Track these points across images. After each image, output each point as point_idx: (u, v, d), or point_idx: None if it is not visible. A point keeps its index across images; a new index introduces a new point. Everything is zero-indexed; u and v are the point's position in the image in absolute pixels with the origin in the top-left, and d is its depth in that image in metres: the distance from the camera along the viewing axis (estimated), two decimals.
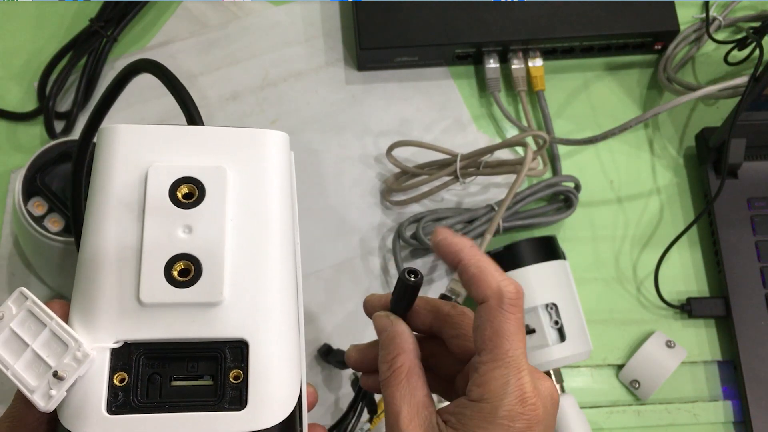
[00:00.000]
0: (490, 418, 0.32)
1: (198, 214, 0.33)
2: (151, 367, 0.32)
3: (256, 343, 0.32)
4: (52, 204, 0.52)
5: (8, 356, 0.32)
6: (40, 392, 0.31)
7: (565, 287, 0.56)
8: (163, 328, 0.32)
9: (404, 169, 0.61)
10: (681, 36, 0.66)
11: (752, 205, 0.62)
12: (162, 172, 0.33)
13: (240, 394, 0.32)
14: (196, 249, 0.32)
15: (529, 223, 0.61)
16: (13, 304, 0.33)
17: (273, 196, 0.34)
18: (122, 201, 0.33)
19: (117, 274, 0.32)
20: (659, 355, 0.58)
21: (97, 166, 0.34)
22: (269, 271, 0.33)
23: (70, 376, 0.31)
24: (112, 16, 0.64)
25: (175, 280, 0.32)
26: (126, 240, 0.33)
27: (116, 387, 0.31)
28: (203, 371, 0.32)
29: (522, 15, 0.64)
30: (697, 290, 0.62)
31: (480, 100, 0.67)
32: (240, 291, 0.32)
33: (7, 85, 0.65)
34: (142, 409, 0.31)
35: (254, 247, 0.33)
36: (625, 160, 0.65)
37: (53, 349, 0.32)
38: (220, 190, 0.33)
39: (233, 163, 0.34)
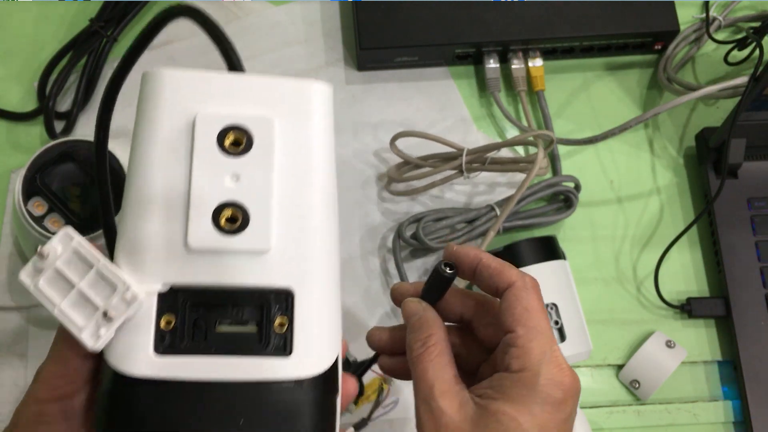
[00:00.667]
0: (531, 385, 0.34)
1: (245, 162, 0.33)
2: (197, 312, 0.32)
3: (301, 293, 0.32)
4: (52, 204, 0.52)
5: (54, 295, 0.32)
6: (88, 331, 0.31)
7: (565, 287, 0.56)
8: (209, 273, 0.32)
9: (407, 159, 0.60)
10: (681, 36, 0.66)
11: (752, 205, 0.62)
12: (210, 119, 0.33)
13: (285, 342, 0.32)
14: (244, 197, 0.33)
15: (529, 223, 0.61)
16: (59, 243, 0.33)
17: (318, 148, 0.35)
18: (169, 146, 0.33)
19: (165, 218, 0.32)
20: (659, 355, 0.58)
21: (142, 110, 0.34)
22: (314, 222, 0.34)
23: (119, 317, 0.31)
24: (112, 16, 0.64)
25: (223, 227, 0.32)
26: (174, 185, 0.33)
27: (163, 330, 0.31)
28: (248, 318, 0.32)
29: (522, 15, 0.64)
30: (697, 290, 0.62)
31: (480, 100, 0.67)
32: (286, 240, 0.33)
33: (7, 85, 0.65)
34: (189, 351, 0.31)
35: (300, 198, 0.34)
36: (625, 160, 0.65)
37: (100, 290, 0.32)
38: (268, 139, 0.33)
39: (279, 112, 0.34)
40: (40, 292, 0.32)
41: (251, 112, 0.34)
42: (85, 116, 0.64)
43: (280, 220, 0.33)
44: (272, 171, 0.33)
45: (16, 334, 0.58)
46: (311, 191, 0.34)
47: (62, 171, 0.54)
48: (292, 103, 0.34)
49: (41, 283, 0.32)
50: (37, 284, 0.32)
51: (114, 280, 0.31)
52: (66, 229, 0.33)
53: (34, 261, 0.33)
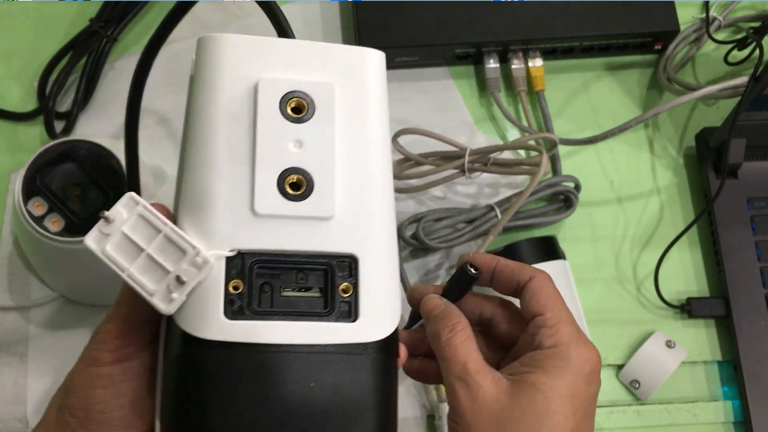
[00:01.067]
0: (565, 358, 0.36)
1: (308, 128, 0.33)
2: (263, 277, 0.32)
3: (364, 259, 0.33)
4: (52, 204, 0.52)
5: (123, 259, 0.32)
6: (160, 295, 0.31)
7: (565, 287, 0.55)
8: (275, 239, 0.32)
9: (408, 155, 0.60)
10: (681, 36, 0.66)
11: (752, 205, 0.62)
12: (272, 85, 0.33)
13: (350, 307, 0.33)
14: (308, 163, 0.33)
15: (529, 223, 0.61)
16: (124, 208, 0.33)
17: (375, 115, 0.35)
18: (230, 112, 0.33)
19: (230, 184, 0.32)
20: (659, 355, 0.58)
21: (201, 75, 0.34)
22: (375, 189, 0.34)
23: (191, 281, 0.31)
24: (112, 16, 0.64)
25: (288, 193, 0.32)
26: (238, 151, 0.33)
27: (231, 294, 0.32)
28: (312, 283, 0.33)
29: (522, 15, 0.64)
30: (697, 290, 0.62)
31: (480, 100, 0.67)
32: (349, 207, 0.33)
33: (7, 85, 0.65)
34: (258, 315, 0.32)
35: (360, 165, 0.34)
36: (625, 160, 0.65)
37: (169, 255, 0.32)
38: (329, 105, 0.34)
39: (337, 79, 0.34)
40: (108, 256, 0.32)
41: (312, 78, 0.34)
42: (85, 116, 0.64)
43: (342, 186, 0.33)
44: (334, 137, 0.33)
45: (16, 334, 0.58)
46: (371, 157, 0.34)
47: (62, 171, 0.53)
48: (349, 69, 0.35)
49: (108, 247, 0.32)
50: (104, 249, 0.32)
51: (182, 245, 0.31)
52: (130, 194, 0.33)
53: (99, 226, 0.32)
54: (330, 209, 0.33)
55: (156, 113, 0.64)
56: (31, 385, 0.56)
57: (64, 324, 0.58)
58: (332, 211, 0.33)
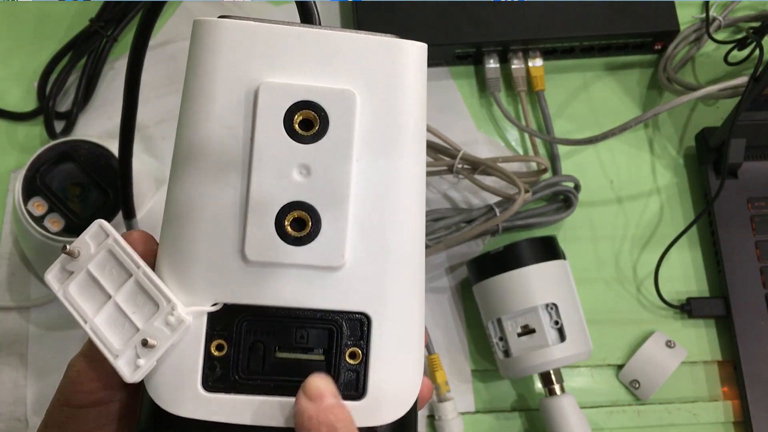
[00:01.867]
0: None
1: (318, 150, 0.27)
2: (254, 335, 0.27)
3: (379, 319, 0.27)
4: (52, 204, 0.52)
5: (87, 306, 0.27)
6: (125, 359, 0.26)
7: (565, 287, 0.55)
8: (270, 291, 0.26)
9: None
10: (681, 36, 0.66)
11: (752, 205, 0.62)
12: (276, 92, 0.27)
13: (357, 378, 0.27)
14: (315, 196, 0.27)
15: (528, 222, 0.61)
16: (91, 239, 0.27)
17: (410, 133, 0.28)
18: (224, 123, 0.27)
19: (217, 221, 0.26)
20: (659, 355, 0.58)
21: (193, 71, 0.27)
22: (400, 231, 0.27)
23: (161, 345, 0.26)
24: (112, 16, 0.64)
25: (288, 234, 0.26)
26: (229, 175, 0.27)
27: (213, 357, 0.26)
28: (314, 344, 0.27)
29: (522, 15, 0.64)
30: (697, 290, 0.62)
31: (480, 100, 0.67)
32: (364, 253, 0.27)
33: (7, 85, 0.65)
34: (244, 387, 0.26)
35: (384, 198, 0.27)
36: (625, 160, 0.65)
37: (140, 306, 0.26)
38: (348, 121, 0.27)
39: (362, 83, 0.27)
40: (69, 300, 0.27)
41: (328, 84, 0.27)
42: (85, 116, 0.64)
43: (357, 227, 0.27)
44: (351, 163, 0.27)
45: (16, 334, 0.58)
46: (398, 193, 0.27)
47: (62, 171, 0.54)
48: (378, 71, 0.27)
49: (71, 288, 0.27)
50: (66, 290, 0.27)
51: (156, 296, 0.26)
52: (99, 223, 0.27)
53: (62, 260, 0.28)
54: (339, 257, 0.27)
55: (156, 113, 0.64)
56: (31, 385, 0.56)
57: (64, 324, 0.58)
58: (342, 260, 0.27)
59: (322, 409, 0.25)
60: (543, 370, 0.54)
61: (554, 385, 0.54)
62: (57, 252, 0.52)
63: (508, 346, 0.55)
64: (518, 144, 0.66)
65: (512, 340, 0.54)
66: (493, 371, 0.59)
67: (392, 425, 0.27)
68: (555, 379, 0.55)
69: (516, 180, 0.57)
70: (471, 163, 0.59)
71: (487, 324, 0.56)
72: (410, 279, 0.28)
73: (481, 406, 0.58)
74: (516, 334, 0.54)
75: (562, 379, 0.55)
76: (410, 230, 0.28)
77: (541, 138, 0.64)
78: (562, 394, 0.54)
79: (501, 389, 0.59)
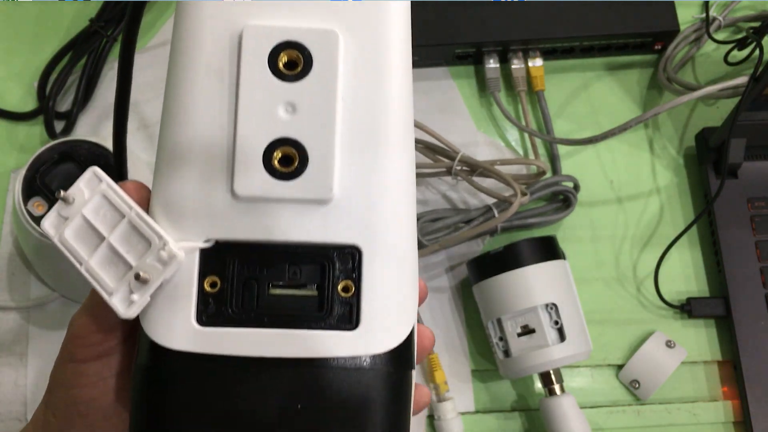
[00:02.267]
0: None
1: (302, 88, 0.27)
2: (247, 272, 0.27)
3: (370, 251, 0.27)
4: (52, 204, 0.52)
5: (82, 249, 0.28)
6: (119, 295, 0.27)
7: (565, 287, 0.55)
8: (260, 226, 0.27)
9: None
10: (681, 36, 0.66)
11: (752, 205, 0.62)
12: (259, 33, 0.27)
13: (350, 310, 0.27)
14: (301, 133, 0.27)
15: (527, 222, 0.61)
16: (86, 186, 0.28)
17: (393, 71, 0.28)
18: (210, 67, 0.28)
19: (206, 159, 0.27)
20: (659, 355, 0.58)
21: (178, 24, 0.29)
22: (387, 164, 0.28)
23: (154, 279, 0.26)
24: (112, 16, 0.64)
25: (276, 170, 0.27)
26: (216, 118, 0.27)
27: (207, 293, 0.27)
28: (307, 279, 0.27)
29: (522, 15, 0.64)
30: (697, 290, 0.62)
31: (480, 100, 0.67)
32: (352, 186, 0.27)
33: (7, 85, 0.65)
34: (237, 321, 0.27)
35: (369, 133, 0.28)
36: (625, 160, 0.65)
37: (133, 245, 0.27)
38: (331, 59, 0.27)
39: (345, 26, 0.28)
40: (65, 244, 0.28)
41: (310, 25, 0.28)
42: (85, 116, 0.64)
43: (345, 160, 0.27)
44: (336, 99, 0.27)
45: (16, 334, 0.58)
46: (384, 125, 0.28)
47: (62, 171, 0.54)
48: (361, 13, 0.28)
49: (67, 233, 0.28)
50: (61, 236, 0.28)
51: (148, 234, 0.27)
52: (93, 169, 0.28)
53: (58, 207, 0.28)
54: (327, 190, 0.27)
55: (155, 113, 0.64)
56: (31, 385, 0.56)
57: (64, 324, 0.58)
58: (330, 193, 0.27)
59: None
60: (543, 370, 0.54)
61: (554, 385, 0.54)
62: (57, 252, 0.52)
63: (508, 346, 0.55)
64: (518, 144, 0.66)
65: (512, 340, 0.54)
66: (493, 371, 0.59)
67: (387, 355, 0.27)
68: (555, 379, 0.55)
69: (513, 183, 0.57)
70: (469, 165, 0.59)
71: (487, 324, 0.56)
72: (400, 211, 0.28)
73: (481, 406, 0.58)
74: (516, 334, 0.54)
75: (562, 379, 0.55)
76: (399, 160, 0.28)
77: (541, 138, 0.64)
78: (562, 394, 0.54)
79: (501, 389, 0.59)
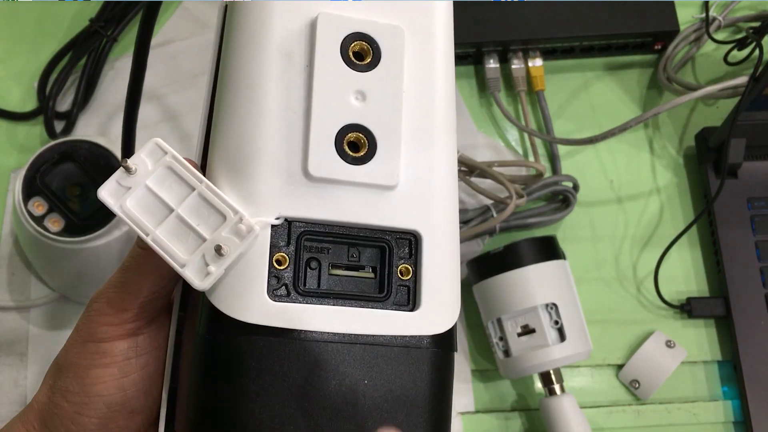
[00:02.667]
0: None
1: (372, 78, 0.28)
2: (310, 251, 0.28)
3: (428, 237, 0.29)
4: (52, 204, 0.52)
5: (147, 219, 0.27)
6: (193, 267, 0.26)
7: (565, 287, 0.55)
8: (329, 207, 0.28)
9: None
10: (681, 36, 0.66)
11: (752, 205, 0.62)
12: (334, 22, 0.28)
13: (408, 293, 0.28)
14: (371, 120, 0.28)
15: (527, 222, 0.61)
16: (148, 157, 0.27)
17: (443, 68, 0.30)
18: (283, 50, 0.28)
19: (280, 137, 0.28)
20: (659, 355, 0.58)
21: (247, 5, 0.29)
22: (442, 155, 0.30)
23: (232, 252, 0.26)
24: (112, 16, 0.64)
25: (347, 154, 0.28)
26: (291, 99, 0.28)
27: (275, 270, 0.27)
28: (365, 261, 0.29)
29: (522, 15, 0.64)
30: (697, 290, 0.62)
31: (480, 100, 0.67)
32: (414, 175, 0.29)
33: (7, 85, 0.65)
34: (305, 297, 0.28)
35: (427, 127, 0.29)
36: (625, 160, 0.65)
37: (204, 218, 0.27)
38: (397, 53, 0.29)
39: (404, 21, 0.29)
40: (128, 214, 0.27)
41: (379, 19, 0.29)
42: (85, 116, 0.64)
43: (407, 151, 0.29)
44: (402, 92, 0.29)
45: (16, 334, 0.58)
46: (438, 118, 0.30)
47: (62, 171, 0.54)
48: (417, 12, 0.30)
49: (129, 203, 0.27)
50: (123, 205, 0.27)
51: (222, 208, 0.26)
52: (156, 141, 0.27)
53: (117, 177, 0.27)
54: (394, 177, 0.28)
55: (155, 113, 0.64)
56: (31, 385, 0.56)
57: (64, 324, 0.58)
58: (396, 180, 0.28)
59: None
60: (543, 370, 0.54)
61: (554, 385, 0.54)
62: (57, 252, 0.52)
63: (508, 346, 0.55)
64: (518, 144, 0.66)
65: (512, 340, 0.54)
66: (493, 371, 0.59)
67: (440, 336, 0.28)
68: (555, 379, 0.55)
69: (508, 185, 0.57)
70: (468, 165, 0.59)
71: (487, 324, 0.56)
72: (452, 199, 0.30)
73: (481, 406, 0.58)
74: (516, 334, 0.54)
75: (562, 379, 0.55)
76: (449, 152, 0.30)
77: (541, 138, 0.64)
78: (562, 394, 0.54)
79: (501, 389, 0.59)
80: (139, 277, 0.29)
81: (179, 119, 0.64)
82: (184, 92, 0.64)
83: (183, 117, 0.64)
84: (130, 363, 0.29)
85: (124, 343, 0.29)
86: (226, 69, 0.29)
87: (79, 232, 0.52)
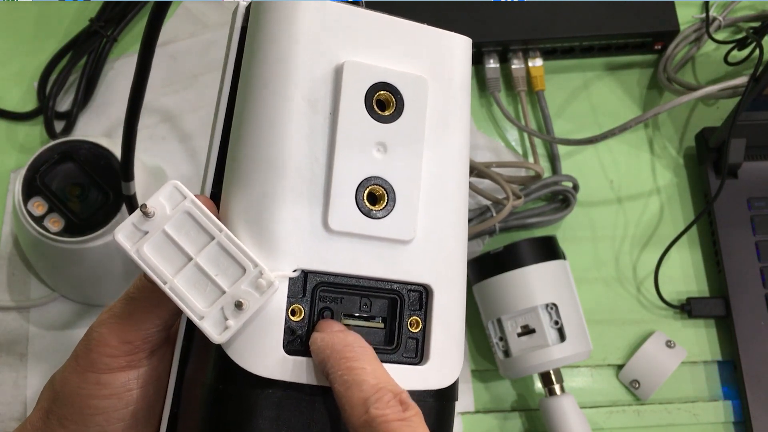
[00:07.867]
0: None
1: (394, 130, 0.28)
2: (324, 302, 0.28)
3: (439, 291, 0.29)
4: (52, 204, 0.52)
5: (165, 267, 0.26)
6: (212, 320, 0.26)
7: (565, 287, 0.55)
8: (346, 260, 0.27)
9: None
10: (681, 36, 0.66)
11: (752, 205, 0.62)
12: (360, 70, 0.28)
13: (417, 345, 0.28)
14: (391, 174, 0.28)
15: (526, 222, 0.61)
16: (166, 200, 0.27)
17: (462, 120, 0.30)
18: (305, 95, 0.27)
19: (302, 188, 0.27)
20: (659, 355, 0.58)
21: (271, 45, 0.27)
22: (456, 210, 0.29)
23: (251, 307, 0.26)
24: (112, 16, 0.64)
25: (366, 207, 0.28)
26: (314, 147, 0.27)
27: (291, 321, 0.27)
28: (376, 312, 0.29)
29: (522, 15, 0.64)
30: (697, 290, 0.62)
31: (480, 100, 0.67)
32: (429, 230, 0.29)
33: (7, 85, 0.65)
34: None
35: (442, 181, 0.29)
36: (625, 160, 0.65)
37: (223, 269, 0.26)
38: (420, 104, 0.28)
39: (426, 70, 0.29)
40: (145, 260, 0.26)
41: (403, 68, 0.28)
42: (85, 116, 0.64)
43: (424, 204, 0.29)
44: (423, 144, 0.28)
45: (16, 334, 0.58)
46: (453, 173, 0.29)
47: (62, 171, 0.54)
48: (436, 59, 0.29)
49: (146, 248, 0.26)
50: (140, 250, 0.26)
51: (241, 260, 0.26)
52: (174, 184, 0.27)
53: (135, 220, 0.26)
54: (411, 231, 0.28)
55: (155, 113, 0.64)
56: (31, 385, 0.56)
57: (64, 324, 0.58)
58: (413, 234, 0.28)
59: (329, 333, 0.27)
60: (543, 370, 0.54)
61: (554, 385, 0.54)
62: (57, 252, 0.52)
63: (508, 346, 0.55)
64: (518, 144, 0.66)
65: (512, 340, 0.54)
66: (493, 371, 0.59)
67: (445, 390, 0.28)
68: (555, 379, 0.55)
69: (505, 187, 0.57)
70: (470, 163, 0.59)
71: (487, 324, 0.56)
72: (462, 254, 0.30)
73: (481, 406, 0.58)
74: (516, 334, 0.54)
75: (562, 379, 0.55)
76: (462, 208, 0.30)
77: (541, 138, 0.64)
78: (562, 394, 0.54)
79: (501, 389, 0.59)
80: (145, 312, 0.28)
81: (179, 119, 0.64)
82: (184, 92, 0.64)
83: (183, 117, 0.64)
84: (131, 394, 0.29)
85: (126, 375, 0.29)
86: (247, 109, 0.28)
87: (79, 232, 0.52)
